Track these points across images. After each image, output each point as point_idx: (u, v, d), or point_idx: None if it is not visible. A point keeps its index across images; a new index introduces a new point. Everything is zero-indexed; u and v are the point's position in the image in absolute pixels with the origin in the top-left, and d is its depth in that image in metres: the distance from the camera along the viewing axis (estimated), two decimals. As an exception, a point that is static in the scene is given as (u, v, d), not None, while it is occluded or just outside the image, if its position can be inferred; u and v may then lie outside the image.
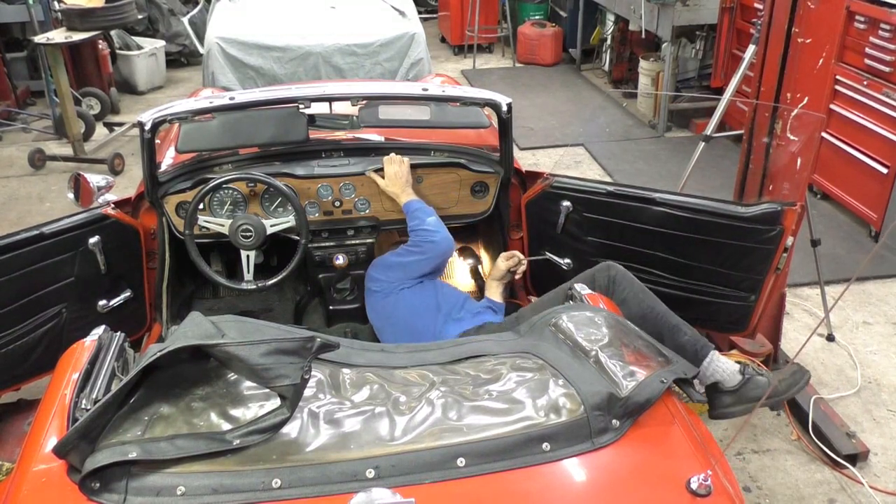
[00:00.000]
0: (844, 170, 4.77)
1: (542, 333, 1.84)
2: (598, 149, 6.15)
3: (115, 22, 5.95)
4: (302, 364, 1.48)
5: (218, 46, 5.55)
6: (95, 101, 6.79)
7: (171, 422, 1.47)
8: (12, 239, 2.51)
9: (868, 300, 4.08)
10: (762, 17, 3.18)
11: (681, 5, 5.88)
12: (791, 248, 2.80)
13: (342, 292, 3.00)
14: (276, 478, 1.42)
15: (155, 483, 1.40)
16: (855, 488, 2.90)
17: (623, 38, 7.46)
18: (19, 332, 2.58)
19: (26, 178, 5.75)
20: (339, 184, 2.83)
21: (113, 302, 2.75)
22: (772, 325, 3.33)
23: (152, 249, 2.86)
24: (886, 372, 3.54)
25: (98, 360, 1.76)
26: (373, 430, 1.53)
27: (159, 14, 8.28)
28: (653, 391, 1.61)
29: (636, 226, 2.82)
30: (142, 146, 2.56)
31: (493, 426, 1.54)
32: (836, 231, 4.71)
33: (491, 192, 2.92)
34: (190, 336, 1.55)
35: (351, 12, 6.09)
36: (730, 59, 5.87)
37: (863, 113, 4.54)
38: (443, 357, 1.83)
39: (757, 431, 3.19)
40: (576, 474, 1.54)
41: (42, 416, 1.62)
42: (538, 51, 8.51)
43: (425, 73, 5.71)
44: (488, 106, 2.72)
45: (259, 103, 2.75)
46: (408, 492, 1.39)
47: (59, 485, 1.43)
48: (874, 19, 4.37)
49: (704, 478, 1.45)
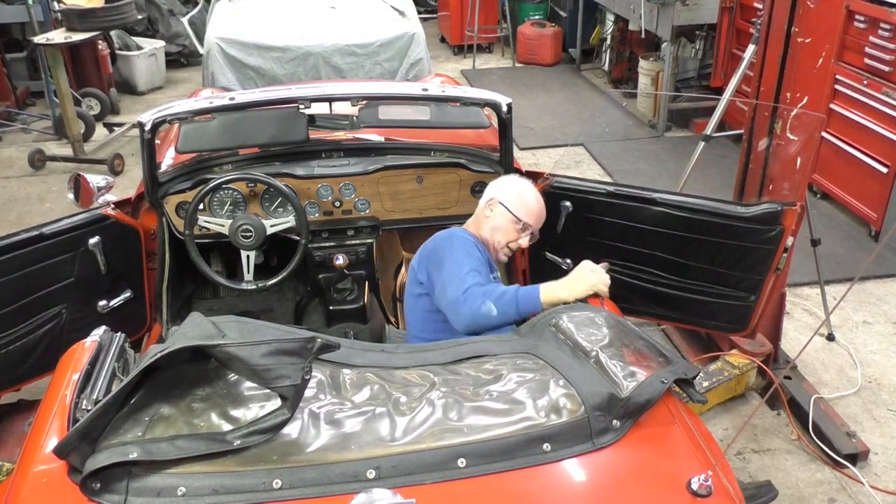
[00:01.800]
0: (844, 169, 4.77)
1: (543, 334, 1.84)
2: (597, 149, 6.15)
3: (115, 22, 5.95)
4: (302, 364, 1.48)
5: (218, 47, 5.56)
6: (95, 101, 6.80)
7: (171, 422, 1.47)
8: (12, 239, 2.51)
9: (868, 300, 4.08)
10: (762, 17, 3.18)
11: (680, 5, 5.88)
12: (791, 247, 2.80)
13: (342, 292, 3.00)
14: (277, 478, 1.42)
15: (156, 484, 1.40)
16: (855, 488, 2.90)
17: (623, 37, 7.46)
18: (19, 333, 2.59)
19: (26, 178, 5.74)
20: (339, 184, 2.83)
21: (113, 302, 2.75)
22: (772, 325, 3.33)
23: (152, 250, 2.86)
24: (886, 371, 3.54)
25: (98, 360, 1.76)
26: (373, 430, 1.53)
27: (159, 14, 8.28)
28: (653, 391, 1.61)
29: (636, 226, 2.82)
30: (142, 146, 2.56)
31: (493, 427, 1.54)
32: (836, 231, 4.71)
33: (491, 192, 2.92)
34: (190, 336, 1.55)
35: (351, 12, 6.09)
36: (729, 59, 5.87)
37: (863, 112, 4.54)
38: (443, 357, 1.83)
39: (757, 431, 3.19)
40: (576, 475, 1.54)
41: (42, 417, 1.62)
42: (538, 51, 8.51)
43: (425, 73, 5.71)
44: (488, 106, 2.72)
45: (259, 104, 2.75)
46: (408, 492, 1.39)
47: (60, 485, 1.42)
48: (874, 19, 4.37)
49: (705, 478, 1.45)
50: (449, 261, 2.21)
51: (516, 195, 2.43)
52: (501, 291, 2.09)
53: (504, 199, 2.42)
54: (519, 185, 2.48)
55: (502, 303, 2.07)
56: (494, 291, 2.09)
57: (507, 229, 2.41)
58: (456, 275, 2.15)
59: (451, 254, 2.23)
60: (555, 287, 2.11)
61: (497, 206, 2.41)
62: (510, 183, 2.50)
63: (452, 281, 2.14)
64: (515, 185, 2.49)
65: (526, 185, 2.50)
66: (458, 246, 2.26)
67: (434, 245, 2.33)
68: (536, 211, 2.45)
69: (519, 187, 2.47)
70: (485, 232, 2.42)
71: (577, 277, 2.12)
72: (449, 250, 2.25)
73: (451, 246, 2.27)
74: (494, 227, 2.41)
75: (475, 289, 2.09)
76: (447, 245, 2.28)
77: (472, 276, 2.13)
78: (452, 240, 2.30)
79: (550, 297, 2.09)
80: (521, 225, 2.40)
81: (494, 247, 2.43)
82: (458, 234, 2.34)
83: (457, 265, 2.18)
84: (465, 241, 2.28)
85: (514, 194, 2.43)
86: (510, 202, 2.41)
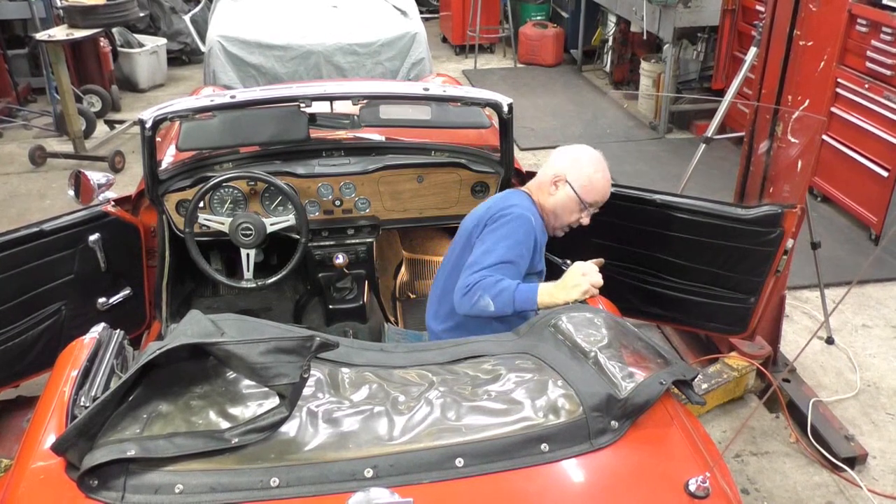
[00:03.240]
0: (845, 173, 4.77)
1: (542, 334, 1.84)
2: (598, 150, 6.13)
3: (117, 19, 5.95)
4: (301, 363, 1.48)
5: (219, 45, 5.56)
6: (96, 98, 6.79)
7: (169, 420, 1.47)
8: (12, 235, 2.51)
9: (867, 303, 4.07)
10: (764, 20, 3.18)
11: (682, 7, 5.88)
12: (791, 250, 2.80)
13: (342, 291, 2.99)
14: (275, 476, 1.42)
15: (153, 481, 1.40)
16: (853, 491, 2.90)
17: (624, 39, 7.46)
18: (19, 329, 2.59)
19: (27, 174, 5.75)
20: (340, 183, 2.83)
21: (112, 299, 2.75)
22: (771, 328, 3.32)
23: (152, 247, 2.86)
24: (885, 375, 3.54)
25: (97, 357, 1.76)
26: (371, 429, 1.53)
27: (161, 12, 8.29)
28: (652, 392, 1.61)
29: (636, 227, 2.82)
30: (142, 144, 2.56)
31: (491, 426, 1.54)
32: (837, 234, 4.71)
33: (491, 193, 2.92)
34: (189, 334, 1.55)
35: (352, 11, 6.09)
36: (731, 61, 5.87)
37: (864, 116, 4.55)
38: (442, 357, 1.83)
39: (755, 434, 3.19)
40: (574, 475, 1.54)
41: (41, 413, 1.62)
42: (539, 51, 8.52)
43: (426, 72, 5.71)
44: (489, 106, 2.72)
45: (260, 102, 2.75)
46: (406, 492, 1.39)
47: (57, 482, 1.42)
48: (876, 22, 4.38)
49: (703, 480, 1.45)
50: (492, 238, 2.17)
51: (587, 178, 2.33)
52: (500, 289, 2.09)
53: (574, 180, 2.32)
54: (590, 166, 2.35)
55: (500, 300, 2.08)
56: (495, 286, 2.09)
57: (571, 209, 2.35)
58: (483, 260, 2.13)
59: (504, 232, 2.18)
60: (552, 290, 2.11)
61: (564, 187, 2.32)
62: (580, 161, 2.36)
63: (476, 264, 2.14)
64: (586, 165, 2.36)
65: (595, 162, 2.37)
66: (515, 227, 2.19)
67: (497, 212, 2.24)
68: (604, 192, 2.38)
69: (590, 169, 2.35)
70: (547, 205, 2.35)
71: (569, 281, 2.12)
72: (504, 227, 2.19)
73: (509, 224, 2.20)
74: (558, 204, 2.33)
75: (482, 280, 2.09)
76: (507, 221, 2.21)
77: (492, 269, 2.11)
78: (515, 218, 2.21)
79: (547, 300, 2.09)
80: (585, 206, 2.35)
81: (553, 224, 2.38)
82: (523, 213, 2.23)
83: (493, 248, 2.15)
84: (525, 224, 2.20)
85: (585, 177, 2.32)
86: (579, 185, 2.31)
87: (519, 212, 2.24)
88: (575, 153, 2.42)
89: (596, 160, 2.41)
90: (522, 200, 2.33)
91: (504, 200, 2.32)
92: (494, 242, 2.18)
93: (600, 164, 2.41)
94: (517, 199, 2.33)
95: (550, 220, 2.38)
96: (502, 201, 2.32)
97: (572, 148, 2.47)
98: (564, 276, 2.14)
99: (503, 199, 2.33)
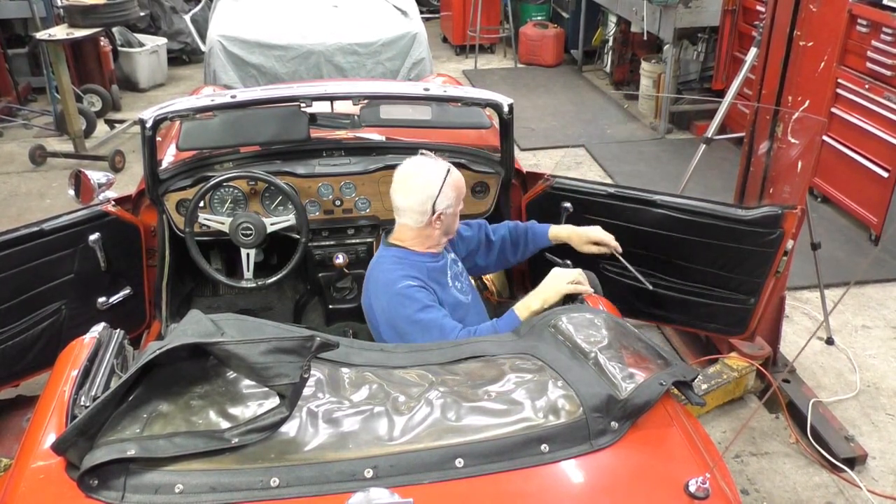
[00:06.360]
0: (845, 173, 4.77)
1: (542, 335, 1.84)
2: (598, 150, 6.15)
3: (117, 19, 5.95)
4: (301, 363, 1.48)
5: (220, 44, 5.55)
6: (97, 97, 6.79)
7: (169, 419, 1.47)
8: (12, 235, 2.51)
9: (867, 304, 4.07)
10: (764, 20, 3.18)
11: (683, 7, 5.88)
12: (791, 251, 2.80)
13: (342, 291, 2.99)
14: (275, 476, 1.42)
15: (153, 480, 1.40)
16: (853, 492, 2.90)
17: (625, 39, 7.46)
18: (19, 329, 2.59)
19: (27, 174, 5.74)
20: (340, 183, 2.83)
21: (112, 299, 2.75)
22: (771, 328, 3.33)
23: (152, 247, 2.86)
24: (885, 376, 3.54)
25: (97, 357, 1.76)
26: (371, 429, 1.53)
27: (161, 11, 8.29)
28: (652, 393, 1.61)
29: (636, 227, 2.82)
30: (143, 143, 2.56)
31: (491, 427, 1.54)
32: (837, 235, 4.71)
33: (491, 193, 2.92)
34: (189, 334, 1.55)
35: (353, 11, 6.09)
36: (731, 62, 5.87)
37: (864, 116, 4.54)
38: (442, 357, 1.83)
39: (755, 434, 3.19)
40: (574, 476, 1.54)
41: (41, 413, 1.62)
42: (540, 52, 8.51)
43: (427, 72, 5.71)
44: (490, 106, 2.72)
45: (260, 102, 2.75)
46: (406, 492, 1.39)
47: (58, 481, 1.43)
48: (876, 23, 4.38)
49: (703, 480, 1.45)
50: (409, 327, 2.13)
51: (450, 189, 2.24)
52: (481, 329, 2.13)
53: (445, 207, 2.23)
54: (443, 182, 2.22)
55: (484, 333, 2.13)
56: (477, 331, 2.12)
57: (455, 216, 2.32)
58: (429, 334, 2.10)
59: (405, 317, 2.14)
60: (529, 302, 2.15)
61: (443, 216, 2.25)
62: (433, 186, 2.22)
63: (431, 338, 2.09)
64: (438, 184, 2.22)
65: (438, 173, 2.23)
66: (404, 304, 2.15)
67: (383, 313, 2.19)
68: (459, 181, 2.30)
69: (445, 184, 2.22)
70: (436, 234, 2.28)
71: (547, 286, 2.15)
72: (399, 315, 2.15)
73: (397, 307, 2.15)
74: (446, 226, 2.28)
75: (460, 332, 2.11)
76: (392, 308, 2.16)
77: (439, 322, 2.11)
78: (392, 299, 2.16)
79: (527, 314, 2.12)
80: (460, 202, 2.30)
81: (448, 236, 2.34)
82: (393, 289, 2.17)
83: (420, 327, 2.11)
84: (403, 293, 2.15)
85: (447, 193, 2.22)
86: (449, 201, 2.24)
87: (393, 285, 2.18)
88: (424, 188, 2.23)
89: (434, 171, 2.25)
90: (385, 273, 2.23)
91: (378, 293, 2.23)
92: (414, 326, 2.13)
93: (441, 170, 2.26)
94: (385, 277, 2.23)
95: (441, 239, 2.31)
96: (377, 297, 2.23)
97: (407, 185, 2.26)
98: (542, 284, 2.18)
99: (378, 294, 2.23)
